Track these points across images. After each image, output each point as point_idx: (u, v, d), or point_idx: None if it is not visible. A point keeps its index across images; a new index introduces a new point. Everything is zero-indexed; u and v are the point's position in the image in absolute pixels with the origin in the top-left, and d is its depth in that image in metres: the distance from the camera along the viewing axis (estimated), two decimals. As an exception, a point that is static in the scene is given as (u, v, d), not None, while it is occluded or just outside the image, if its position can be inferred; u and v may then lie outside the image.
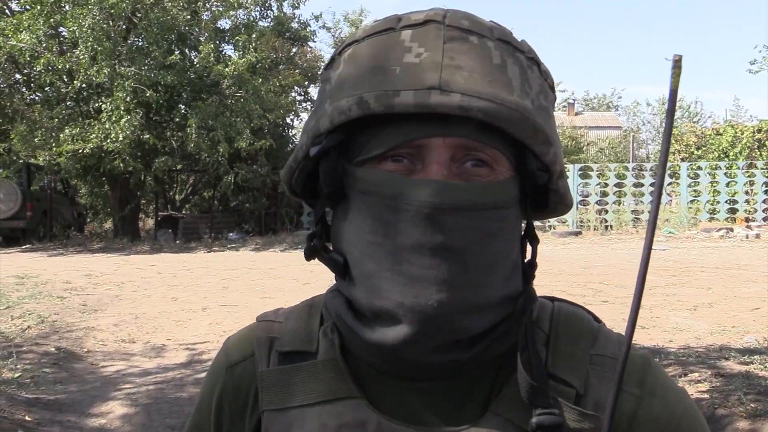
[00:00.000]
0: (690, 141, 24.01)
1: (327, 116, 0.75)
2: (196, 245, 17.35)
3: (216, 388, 0.89)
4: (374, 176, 0.74)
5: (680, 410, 0.80)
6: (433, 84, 0.70)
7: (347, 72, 0.76)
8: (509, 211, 0.76)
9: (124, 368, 6.10)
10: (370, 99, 0.71)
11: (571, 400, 0.76)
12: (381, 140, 0.74)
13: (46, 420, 4.71)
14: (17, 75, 18.17)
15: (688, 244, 15.14)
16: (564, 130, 31.87)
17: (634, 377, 0.80)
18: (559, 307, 0.85)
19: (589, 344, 0.81)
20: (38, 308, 8.31)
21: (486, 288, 0.74)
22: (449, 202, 0.71)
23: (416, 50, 0.72)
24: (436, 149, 0.73)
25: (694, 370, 4.90)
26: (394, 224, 0.72)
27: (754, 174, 18.70)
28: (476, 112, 0.70)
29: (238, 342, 0.91)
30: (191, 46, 18.00)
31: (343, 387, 0.80)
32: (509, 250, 0.77)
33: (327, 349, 0.82)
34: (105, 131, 15.40)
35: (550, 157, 0.76)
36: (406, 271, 0.71)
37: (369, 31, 0.77)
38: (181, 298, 9.27)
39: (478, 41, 0.74)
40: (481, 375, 0.79)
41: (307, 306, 0.90)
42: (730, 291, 8.85)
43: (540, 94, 0.76)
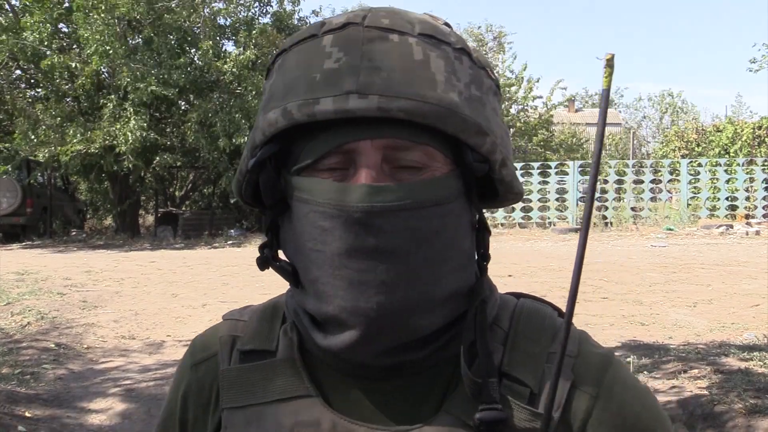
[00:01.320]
0: (690, 137, 24.00)
1: (260, 129, 0.76)
2: (196, 242, 17.35)
3: (181, 386, 0.91)
4: (308, 184, 0.74)
5: (638, 408, 0.79)
6: (351, 88, 0.70)
7: (276, 83, 0.76)
8: (451, 206, 0.75)
9: (123, 364, 6.10)
10: (293, 109, 0.72)
11: (524, 399, 0.76)
12: (313, 148, 0.74)
13: (46, 416, 4.72)
14: (18, 71, 18.16)
15: (687, 241, 15.13)
16: (564, 127, 31.83)
17: (592, 376, 0.79)
18: (522, 304, 0.85)
19: (548, 342, 0.80)
20: (38, 304, 8.31)
21: (431, 286, 0.74)
22: (380, 204, 0.70)
23: (336, 55, 0.72)
24: (365, 152, 0.73)
25: (693, 367, 4.90)
26: (330, 231, 0.72)
27: (754, 171, 18.69)
28: (397, 113, 0.70)
29: (203, 341, 0.92)
30: (192, 43, 17.99)
31: (300, 386, 0.81)
32: (455, 245, 0.76)
33: (286, 348, 0.83)
34: (112, 133, 15.38)
35: (487, 148, 0.75)
36: (346, 276, 0.72)
37: (295, 38, 0.77)
38: (181, 295, 9.28)
39: (399, 39, 0.73)
40: (438, 373, 0.79)
41: (272, 305, 0.90)
42: (730, 288, 8.85)
43: (471, 84, 0.75)
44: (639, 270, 10.55)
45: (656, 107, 43.44)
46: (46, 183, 19.82)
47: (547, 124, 27.99)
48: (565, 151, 29.35)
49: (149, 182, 20.48)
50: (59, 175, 20.01)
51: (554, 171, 19.59)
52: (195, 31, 17.86)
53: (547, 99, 28.01)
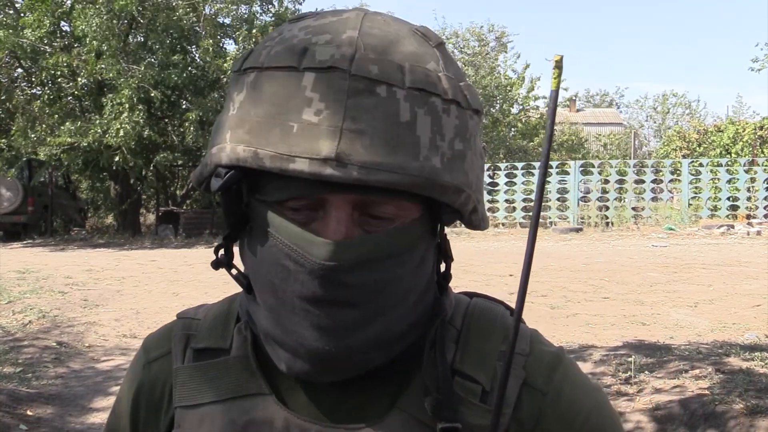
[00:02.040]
0: (691, 137, 23.99)
1: (226, 154, 0.72)
2: (197, 240, 17.36)
3: (134, 385, 0.90)
4: (276, 221, 0.73)
5: (589, 406, 0.80)
6: (329, 155, 0.66)
7: (247, 108, 0.71)
8: (414, 253, 0.75)
9: (124, 363, 6.11)
10: (265, 158, 0.68)
11: (477, 397, 0.77)
12: (281, 187, 0.72)
13: (48, 414, 4.72)
14: (19, 69, 18.17)
15: (689, 241, 15.13)
16: (564, 127, 31.82)
17: (542, 374, 0.80)
18: (474, 303, 0.85)
19: (499, 340, 0.81)
20: (39, 303, 8.32)
21: (388, 327, 0.75)
22: (346, 262, 0.70)
23: (316, 105, 0.67)
24: (336, 205, 0.71)
25: (695, 367, 4.90)
26: (293, 274, 0.71)
27: (755, 171, 18.67)
28: (375, 183, 0.67)
29: (156, 339, 0.91)
30: (192, 42, 17.99)
31: (253, 384, 0.80)
32: (416, 285, 0.77)
33: (239, 346, 0.83)
34: (104, 126, 15.40)
35: (460, 202, 0.74)
36: (305, 318, 0.72)
37: (272, 60, 0.71)
38: (182, 294, 9.28)
39: (387, 93, 0.68)
40: (391, 373, 0.80)
41: (227, 303, 0.90)
42: (731, 288, 8.84)
43: (455, 138, 0.72)
44: (640, 270, 10.54)
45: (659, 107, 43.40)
46: (47, 182, 19.84)
47: (548, 124, 27.94)
48: (567, 151, 29.35)
49: (150, 181, 20.48)
50: (60, 174, 20.03)
51: (555, 171, 19.58)
52: (196, 30, 17.86)
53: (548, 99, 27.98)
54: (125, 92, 15.31)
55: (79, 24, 15.63)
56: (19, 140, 15.89)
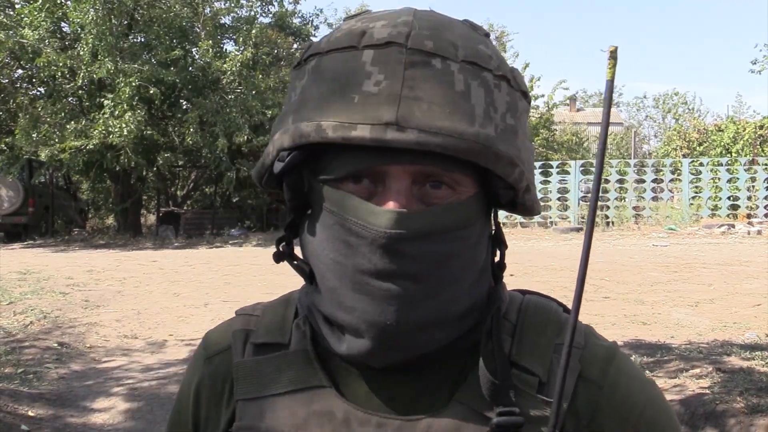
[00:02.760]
0: (692, 137, 23.98)
1: (289, 135, 0.75)
2: (198, 241, 17.36)
3: (194, 379, 0.92)
4: (337, 197, 0.75)
5: (644, 400, 0.81)
6: (390, 120, 0.69)
7: (310, 89, 0.76)
8: (471, 229, 0.77)
9: (126, 364, 6.11)
10: (328, 129, 0.71)
11: (534, 389, 0.78)
12: (342, 163, 0.75)
13: (49, 415, 4.73)
14: (20, 70, 18.18)
15: (689, 241, 15.13)
16: (565, 126, 31.81)
17: (597, 367, 0.81)
18: (528, 299, 0.87)
19: (554, 334, 0.82)
20: (40, 304, 8.32)
21: (449, 304, 0.76)
22: (407, 231, 0.72)
23: (376, 77, 0.72)
24: (395, 176, 0.74)
25: (695, 366, 4.90)
26: (355, 247, 0.73)
27: (755, 170, 18.67)
28: (434, 147, 0.70)
29: (216, 335, 0.94)
30: (192, 42, 18.00)
31: (313, 377, 0.82)
32: (472, 264, 0.78)
33: (299, 341, 0.85)
34: (108, 127, 15.42)
35: (514, 177, 0.77)
36: (368, 292, 0.73)
37: (333, 44, 0.76)
38: (182, 294, 9.28)
39: (441, 65, 0.72)
40: (449, 366, 0.81)
41: (284, 300, 0.93)
42: (732, 287, 8.84)
43: (507, 113, 0.76)
44: (641, 269, 10.55)
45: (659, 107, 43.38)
46: (48, 182, 19.84)
47: (549, 124, 27.99)
48: (567, 150, 29.34)
49: (151, 181, 20.49)
50: (61, 175, 20.04)
51: (556, 171, 19.59)
52: (196, 31, 17.86)
53: (549, 98, 28.02)
54: (125, 90, 15.31)
55: (75, 17, 15.63)
56: (21, 141, 15.90)
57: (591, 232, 0.71)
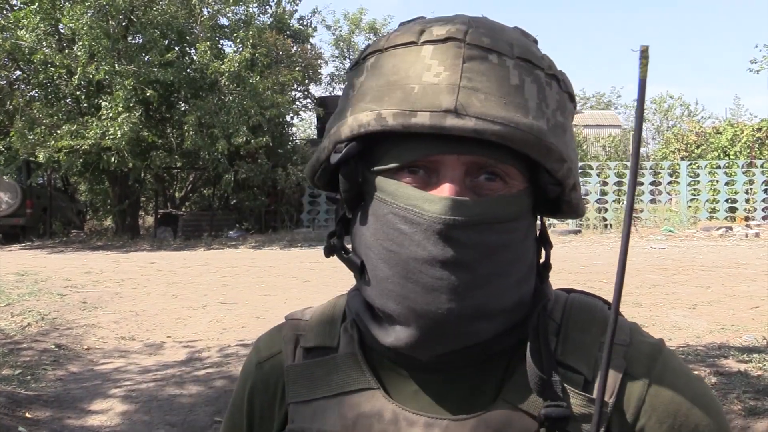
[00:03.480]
0: (690, 139, 24.01)
1: (347, 126, 0.77)
2: (196, 243, 17.35)
3: (247, 384, 0.95)
4: (391, 187, 0.77)
5: (690, 396, 0.81)
6: (449, 107, 0.72)
7: (369, 83, 0.78)
8: (520, 222, 0.79)
9: (123, 365, 6.11)
10: (388, 116, 0.74)
11: (579, 387, 0.79)
12: (398, 153, 0.77)
13: (46, 417, 4.72)
14: (17, 72, 18.17)
15: (687, 243, 15.14)
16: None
17: (643, 364, 0.82)
18: (573, 297, 0.88)
19: (600, 332, 0.83)
20: (38, 305, 8.31)
21: (497, 296, 0.77)
22: (460, 218, 0.74)
23: (435, 69, 0.74)
24: (450, 165, 0.76)
25: (693, 368, 4.90)
26: (409, 235, 0.75)
27: (753, 173, 18.70)
28: (490, 135, 0.72)
29: (267, 340, 0.97)
30: (190, 43, 17.99)
31: (361, 379, 0.84)
32: (521, 258, 0.80)
33: (347, 344, 0.87)
34: (103, 128, 15.40)
35: (563, 173, 0.79)
36: (419, 280, 0.75)
37: (392, 41, 0.78)
38: (180, 296, 9.28)
39: (498, 60, 0.75)
40: (494, 365, 0.82)
41: (332, 304, 0.95)
42: (730, 290, 8.85)
43: (557, 110, 0.78)
44: (638, 272, 10.55)
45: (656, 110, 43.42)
46: (46, 184, 19.81)
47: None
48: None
49: (149, 183, 20.47)
50: (59, 176, 20.02)
51: (554, 173, 19.57)
52: (194, 32, 17.85)
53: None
54: (120, 93, 15.30)
55: (68, 22, 15.62)
56: (17, 142, 15.89)
57: (628, 232, 0.72)
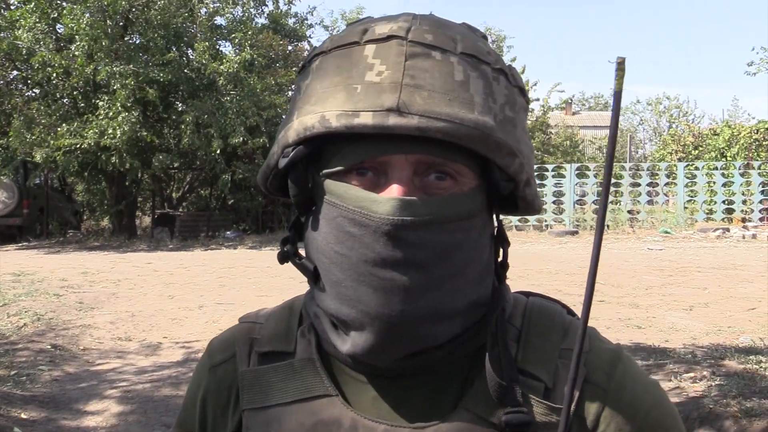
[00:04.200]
0: (687, 141, 24.04)
1: (293, 129, 0.76)
2: (193, 243, 17.33)
3: (200, 389, 0.92)
4: (339, 190, 0.76)
5: (649, 402, 0.81)
6: (392, 106, 0.71)
7: (314, 85, 0.77)
8: (474, 221, 0.77)
9: (120, 366, 6.09)
10: (331, 118, 0.72)
11: (540, 394, 0.78)
12: (345, 155, 0.75)
13: (42, 418, 4.71)
14: (15, 72, 18.14)
15: (684, 244, 15.16)
16: (560, 130, 31.85)
17: (602, 370, 0.81)
18: (532, 302, 0.87)
19: (560, 338, 0.82)
20: (34, 306, 8.29)
21: (451, 296, 0.76)
22: (409, 219, 0.72)
23: (378, 68, 0.73)
24: (398, 166, 0.74)
25: (690, 370, 4.91)
26: (359, 238, 0.73)
27: (751, 174, 18.73)
28: (434, 133, 0.71)
29: (220, 343, 0.93)
30: (188, 44, 17.97)
31: (319, 385, 0.82)
32: (476, 258, 0.78)
33: (304, 349, 0.85)
34: (101, 127, 15.38)
35: (514, 168, 0.77)
36: (371, 283, 0.73)
37: (336, 42, 0.77)
38: (177, 296, 9.26)
39: (441, 57, 0.73)
40: (454, 371, 0.81)
41: (288, 307, 0.92)
42: (726, 291, 8.86)
43: (506, 105, 0.77)
44: (635, 273, 10.56)
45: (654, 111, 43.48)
46: (43, 184, 19.79)
47: (544, 127, 28.05)
48: (562, 154, 29.38)
49: (146, 183, 20.45)
50: (56, 177, 19.98)
51: (551, 174, 19.61)
52: (192, 32, 17.83)
53: (545, 101, 28.08)
54: (122, 92, 15.29)
55: (68, 22, 15.60)
56: (15, 142, 15.86)
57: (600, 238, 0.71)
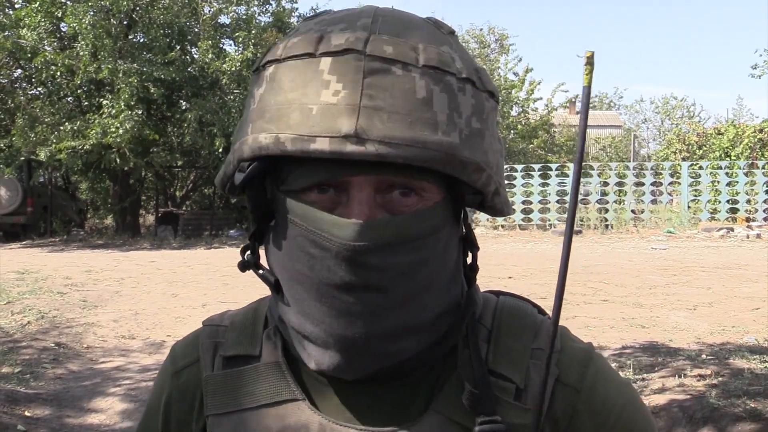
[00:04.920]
0: (691, 140, 24.00)
1: (248, 145, 0.73)
2: (197, 242, 17.34)
3: (163, 394, 0.90)
4: (299, 209, 0.73)
5: (621, 402, 0.81)
6: (349, 132, 0.67)
7: (267, 98, 0.73)
8: (439, 235, 0.75)
9: (123, 364, 6.10)
10: (286, 141, 0.69)
11: (511, 396, 0.77)
12: (303, 174, 0.72)
13: (46, 415, 4.72)
14: (19, 70, 18.17)
15: (688, 244, 15.13)
16: (564, 129, 31.82)
17: (574, 371, 0.80)
18: (503, 302, 0.85)
19: (531, 338, 0.81)
20: (38, 304, 8.31)
21: (417, 312, 0.75)
22: (371, 242, 0.70)
23: (334, 86, 0.69)
24: (358, 186, 0.71)
25: (694, 369, 4.90)
26: (319, 260, 0.71)
27: (755, 174, 18.68)
28: (395, 158, 0.67)
29: (183, 348, 0.91)
30: (191, 42, 17.98)
31: (286, 389, 0.80)
32: (442, 270, 0.77)
33: (270, 353, 0.83)
34: (105, 126, 15.40)
35: (482, 182, 0.74)
36: (333, 305, 0.72)
37: (290, 50, 0.73)
38: (180, 295, 9.27)
39: (402, 71, 0.69)
40: (424, 374, 0.80)
41: (253, 309, 0.90)
42: (730, 291, 8.84)
43: (472, 116, 0.73)
44: (639, 272, 10.54)
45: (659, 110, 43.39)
46: (47, 182, 19.82)
47: (548, 126, 28.01)
48: (566, 153, 29.35)
49: (150, 182, 20.48)
50: (60, 175, 20.01)
51: (555, 173, 19.59)
52: (195, 30, 17.84)
53: (548, 101, 28.05)
54: (125, 90, 15.30)
55: (71, 21, 15.62)
56: (19, 141, 15.89)
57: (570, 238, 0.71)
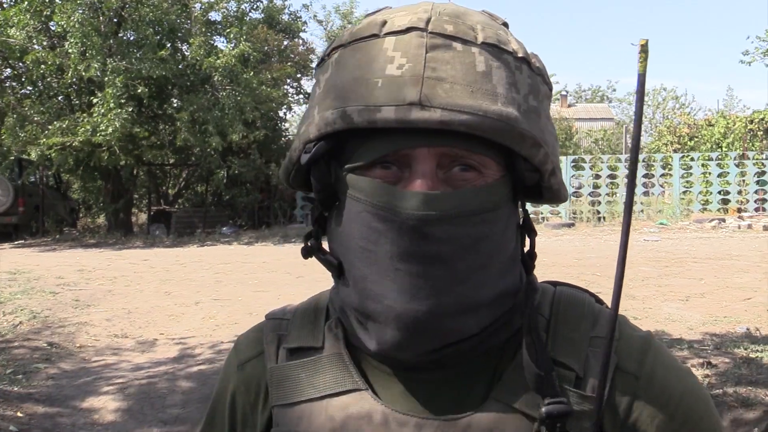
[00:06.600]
0: (682, 132, 24.06)
1: (315, 125, 0.76)
2: (189, 239, 17.30)
3: (228, 386, 0.92)
4: (363, 184, 0.75)
5: (681, 389, 0.81)
6: (414, 99, 0.70)
7: (333, 79, 0.76)
8: (499, 212, 0.77)
9: (116, 363, 6.09)
10: (353, 113, 0.72)
11: (571, 383, 0.78)
12: (368, 150, 0.75)
13: (39, 415, 4.70)
14: (8, 70, 18.07)
15: (680, 235, 15.18)
16: (555, 122, 31.86)
17: (633, 358, 0.81)
18: (560, 291, 0.87)
19: (589, 327, 0.82)
20: (30, 304, 8.28)
21: (478, 289, 0.75)
22: (434, 213, 0.72)
23: (398, 61, 0.72)
24: (421, 159, 0.74)
25: (686, 360, 4.92)
26: (384, 233, 0.73)
27: (746, 165, 18.75)
28: (458, 126, 0.70)
29: (247, 340, 0.94)
30: (182, 39, 17.91)
31: (348, 380, 0.82)
32: (502, 249, 0.78)
33: (332, 344, 0.85)
34: (94, 124, 15.33)
35: (539, 159, 0.77)
36: (397, 279, 0.73)
37: (355, 35, 0.76)
38: (173, 293, 9.25)
39: (462, 48, 0.73)
40: (483, 362, 0.81)
41: (314, 302, 0.92)
42: (722, 281, 8.88)
43: (529, 94, 0.76)
44: (632, 264, 10.57)
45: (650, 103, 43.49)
46: (39, 182, 19.73)
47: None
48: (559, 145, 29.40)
49: (142, 180, 20.41)
50: (51, 174, 19.92)
51: (547, 166, 19.59)
52: (186, 27, 17.77)
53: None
54: (110, 90, 15.23)
55: (59, 19, 15.54)
56: (8, 140, 15.81)
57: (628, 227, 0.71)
